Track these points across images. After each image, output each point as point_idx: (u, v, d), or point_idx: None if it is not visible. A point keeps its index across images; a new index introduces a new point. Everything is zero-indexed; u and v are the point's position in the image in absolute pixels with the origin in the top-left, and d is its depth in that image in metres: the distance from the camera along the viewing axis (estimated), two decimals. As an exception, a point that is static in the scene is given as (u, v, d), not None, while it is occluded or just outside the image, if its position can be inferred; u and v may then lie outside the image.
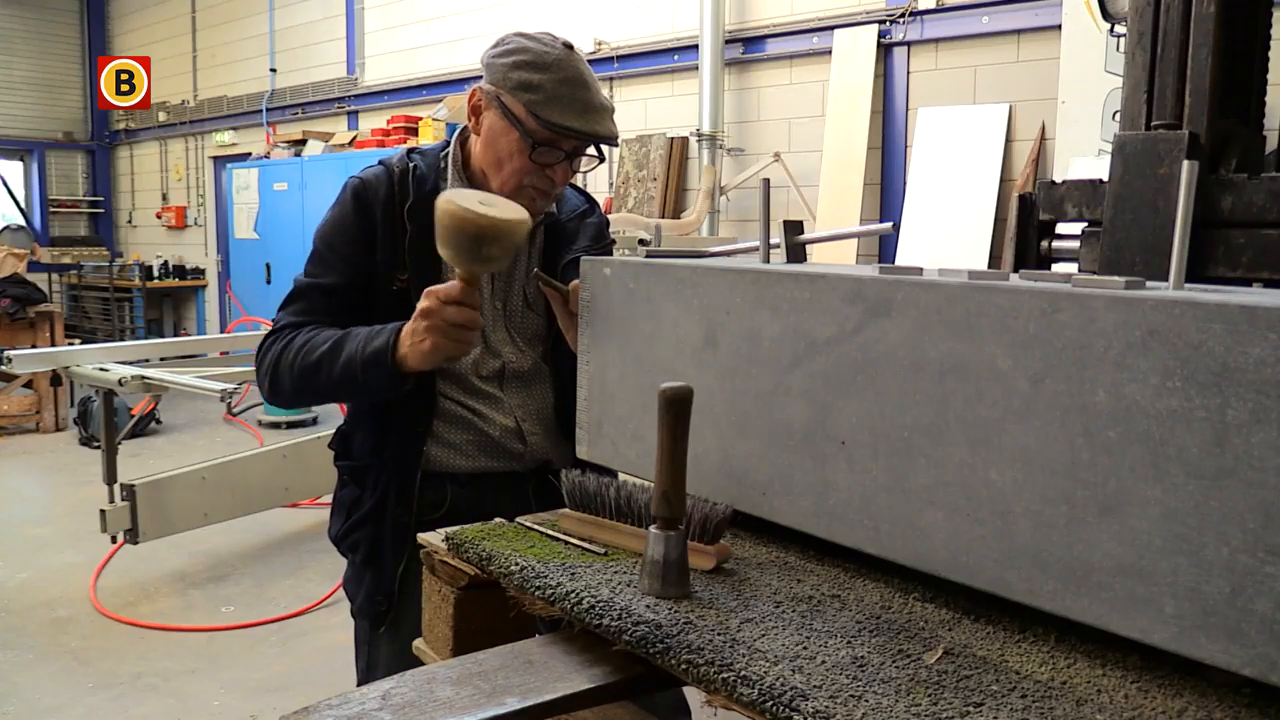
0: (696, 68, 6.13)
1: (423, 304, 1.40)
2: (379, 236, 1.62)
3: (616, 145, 1.64)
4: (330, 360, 1.51)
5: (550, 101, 1.52)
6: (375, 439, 1.67)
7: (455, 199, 1.28)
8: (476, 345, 1.58)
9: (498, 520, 1.21)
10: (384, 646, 1.68)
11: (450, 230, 1.28)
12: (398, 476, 1.65)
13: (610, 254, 1.77)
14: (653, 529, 0.97)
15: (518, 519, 1.21)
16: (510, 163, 1.57)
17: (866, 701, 0.75)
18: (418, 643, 1.21)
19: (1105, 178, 1.69)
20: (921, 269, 1.00)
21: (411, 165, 1.66)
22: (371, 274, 1.62)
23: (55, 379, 7.14)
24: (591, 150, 1.62)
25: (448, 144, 1.70)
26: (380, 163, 1.68)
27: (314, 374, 1.53)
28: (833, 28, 5.67)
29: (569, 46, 1.58)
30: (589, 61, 1.62)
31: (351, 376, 1.49)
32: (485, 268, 1.39)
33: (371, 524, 1.66)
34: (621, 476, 1.26)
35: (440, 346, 1.40)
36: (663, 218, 6.16)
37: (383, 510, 1.66)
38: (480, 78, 1.61)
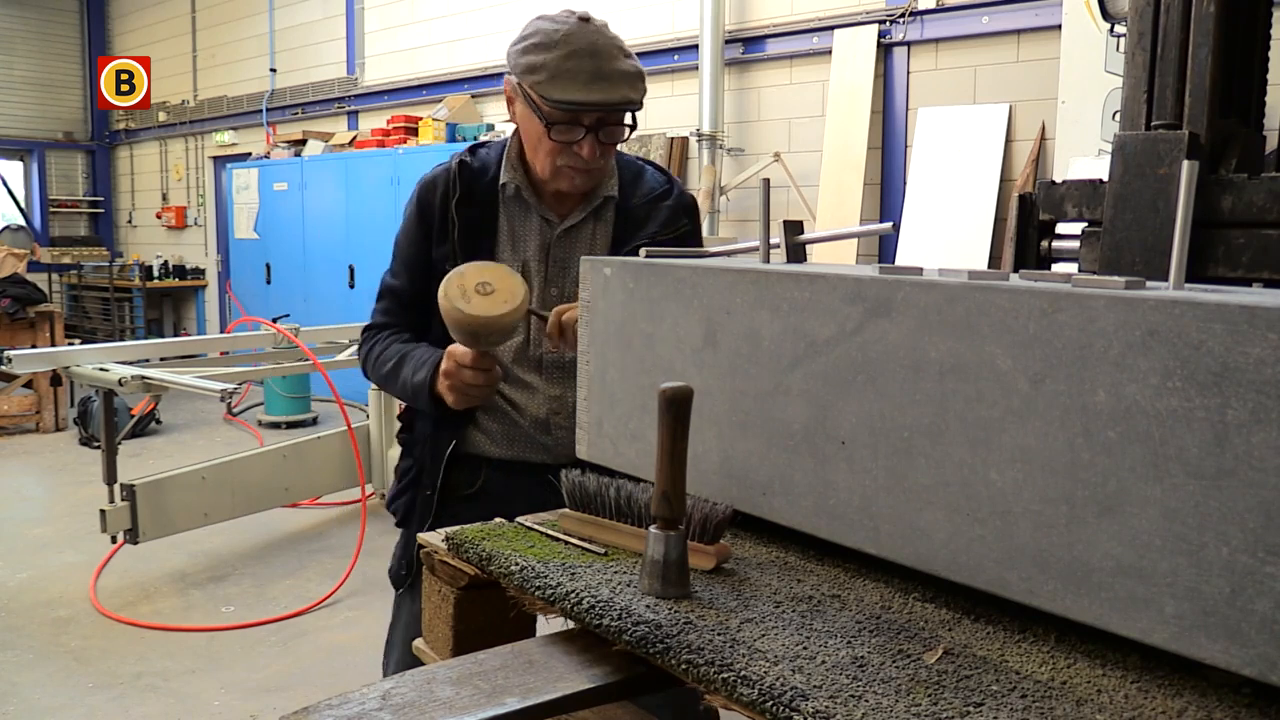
0: (696, 68, 6.13)
1: (444, 364, 1.55)
2: (434, 233, 1.70)
3: (637, 109, 1.60)
4: (393, 379, 1.70)
5: (554, 79, 1.52)
6: (426, 417, 1.78)
7: (450, 292, 1.41)
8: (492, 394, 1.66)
9: (498, 520, 1.21)
10: (405, 607, 1.80)
11: (449, 323, 1.43)
12: (432, 453, 1.74)
13: (692, 237, 1.74)
14: (653, 529, 0.97)
15: (518, 519, 1.21)
16: (540, 147, 1.61)
17: (866, 701, 0.75)
18: (417, 642, 1.21)
19: (1105, 178, 1.69)
20: (921, 269, 1.00)
21: (467, 159, 1.72)
22: (429, 272, 1.68)
23: (55, 379, 7.15)
24: (626, 119, 1.60)
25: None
26: (449, 158, 1.76)
27: (387, 385, 1.74)
28: (833, 28, 5.67)
29: (585, 19, 1.57)
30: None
31: (407, 397, 1.69)
32: (487, 348, 1.51)
33: (410, 492, 1.78)
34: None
35: (459, 401, 1.56)
36: (663, 218, 6.15)
37: (419, 481, 1.76)
38: (482, 77, 1.63)
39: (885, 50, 5.52)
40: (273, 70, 9.96)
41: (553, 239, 1.69)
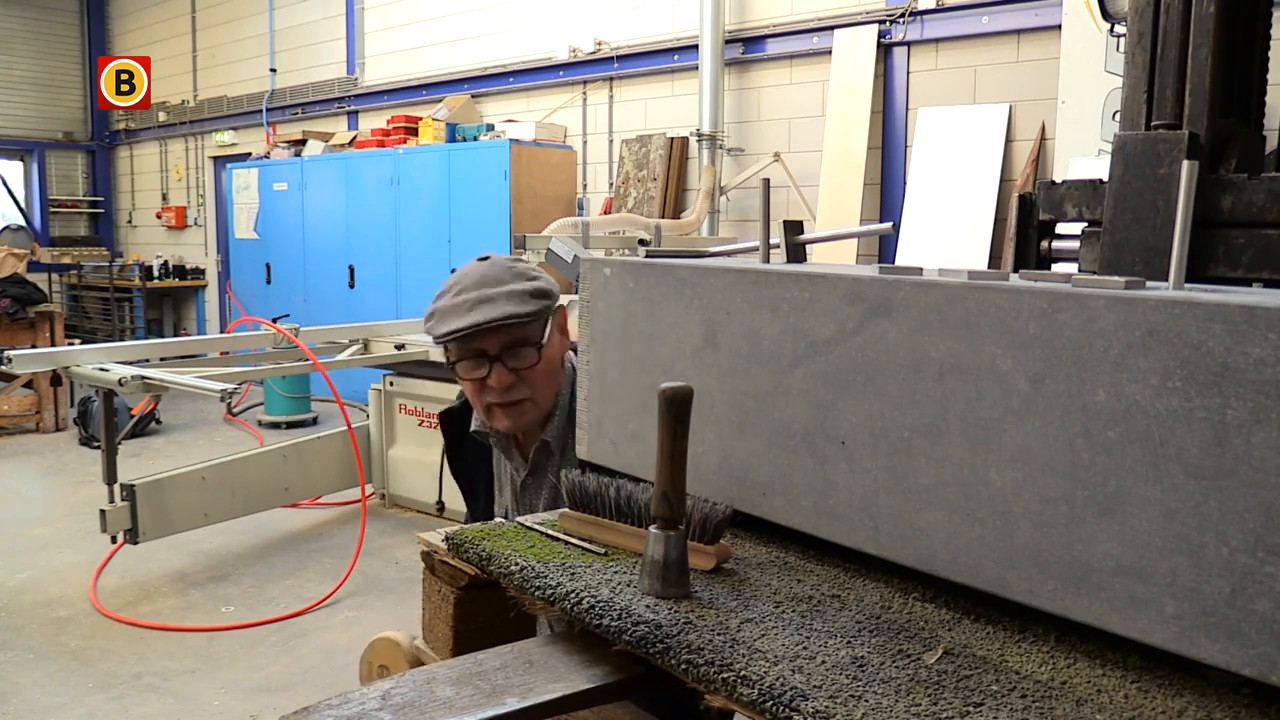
0: (696, 68, 6.13)
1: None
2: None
3: (524, 323, 1.56)
4: None
5: (440, 319, 1.54)
6: None
7: (361, 670, 1.50)
8: None
9: (498, 520, 1.21)
10: None
11: None
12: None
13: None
14: (653, 529, 0.97)
15: (518, 519, 1.21)
16: (469, 393, 1.64)
17: (866, 701, 0.75)
18: (418, 642, 1.21)
19: (1105, 178, 1.69)
20: (921, 269, 1.00)
21: (454, 405, 1.81)
22: None
23: (55, 379, 7.15)
24: (523, 348, 1.56)
25: None
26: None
27: None
28: (833, 28, 5.68)
29: (485, 257, 1.58)
30: (589, 62, 1.62)
31: None
32: None
33: None
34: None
35: None
36: (663, 218, 6.16)
37: None
38: (482, 77, 1.62)
39: (885, 50, 5.52)
40: (273, 70, 9.97)
41: (518, 487, 1.70)
